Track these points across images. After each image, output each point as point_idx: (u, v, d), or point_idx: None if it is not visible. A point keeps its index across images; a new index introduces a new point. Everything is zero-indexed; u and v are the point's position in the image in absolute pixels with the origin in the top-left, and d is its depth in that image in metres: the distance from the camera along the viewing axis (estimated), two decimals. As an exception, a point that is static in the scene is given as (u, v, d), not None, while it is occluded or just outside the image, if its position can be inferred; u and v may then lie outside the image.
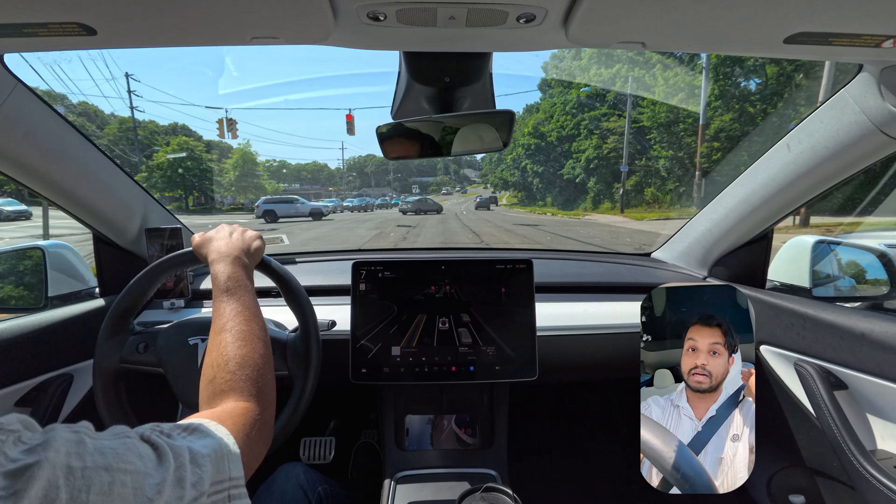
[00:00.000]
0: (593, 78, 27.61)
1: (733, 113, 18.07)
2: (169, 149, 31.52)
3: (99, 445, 0.34)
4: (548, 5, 0.58)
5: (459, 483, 1.07)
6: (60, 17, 0.58)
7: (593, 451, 1.70)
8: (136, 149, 30.91)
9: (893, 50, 0.68)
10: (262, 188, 40.33)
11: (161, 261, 0.92)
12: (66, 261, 1.21)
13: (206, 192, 34.96)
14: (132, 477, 0.34)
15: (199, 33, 0.65)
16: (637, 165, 23.00)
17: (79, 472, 0.31)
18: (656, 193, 22.44)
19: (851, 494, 0.92)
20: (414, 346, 1.09)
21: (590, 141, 26.68)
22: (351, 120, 18.53)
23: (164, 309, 1.23)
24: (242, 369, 0.61)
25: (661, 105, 20.96)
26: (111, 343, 0.91)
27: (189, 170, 31.98)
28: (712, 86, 17.73)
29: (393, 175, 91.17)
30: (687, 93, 20.71)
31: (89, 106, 38.93)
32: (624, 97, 23.98)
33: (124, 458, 0.35)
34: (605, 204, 25.62)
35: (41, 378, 0.99)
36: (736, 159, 16.45)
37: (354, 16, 0.61)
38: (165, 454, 0.38)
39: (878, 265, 1.18)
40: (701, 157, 16.73)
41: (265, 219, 21.96)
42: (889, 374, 0.86)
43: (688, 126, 20.35)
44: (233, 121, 20.29)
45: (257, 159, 41.78)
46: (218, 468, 0.42)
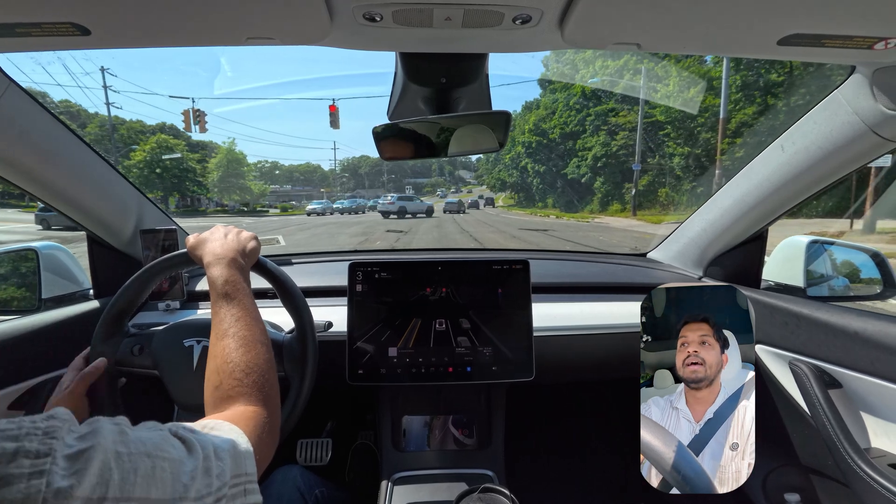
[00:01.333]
0: (599, 71, 25.40)
1: (757, 106, 16.66)
2: (147, 146, 29.69)
3: (138, 435, 0.38)
4: (543, 7, 0.59)
5: (457, 484, 1.06)
6: (54, 17, 0.57)
7: (590, 451, 1.70)
8: (113, 148, 29.31)
9: (885, 51, 0.69)
10: (247, 189, 38.76)
11: (156, 262, 0.91)
12: (60, 262, 1.20)
13: (186, 193, 33.50)
14: (170, 464, 0.38)
15: (194, 34, 0.64)
16: (650, 164, 21.34)
17: (125, 457, 0.35)
18: (671, 194, 20.82)
19: (846, 492, 0.93)
20: (411, 347, 1.09)
21: (597, 138, 24.64)
22: (335, 111, 16.29)
23: (159, 311, 1.22)
24: (248, 376, 0.61)
25: (676, 99, 19.55)
26: (106, 345, 0.90)
27: (168, 169, 30.40)
28: (734, 76, 15.99)
29: (387, 176, 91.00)
30: (704, 85, 18.96)
31: (72, 105, 37.88)
32: (633, 90, 22.44)
33: (161, 447, 0.38)
34: (615, 205, 23.69)
35: (35, 381, 0.98)
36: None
37: (350, 16, 0.61)
38: (194, 447, 0.41)
39: (872, 265, 1.19)
40: (722, 154, 15.14)
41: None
42: (883, 373, 0.86)
43: (706, 120, 18.97)
44: (200, 112, 18.04)
45: (246, 160, 40.15)
46: (236, 463, 0.45)
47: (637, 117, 20.95)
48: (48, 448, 0.32)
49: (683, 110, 19.29)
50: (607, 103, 24.89)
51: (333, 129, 16.08)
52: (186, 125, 18.31)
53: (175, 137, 32.85)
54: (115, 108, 29.52)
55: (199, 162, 34.90)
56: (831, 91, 0.88)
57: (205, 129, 18.36)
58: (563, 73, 29.16)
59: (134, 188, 1.21)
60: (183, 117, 17.92)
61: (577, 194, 27.26)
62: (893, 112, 0.77)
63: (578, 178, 25.90)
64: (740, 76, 16.53)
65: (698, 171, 19.23)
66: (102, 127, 30.95)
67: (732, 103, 16.48)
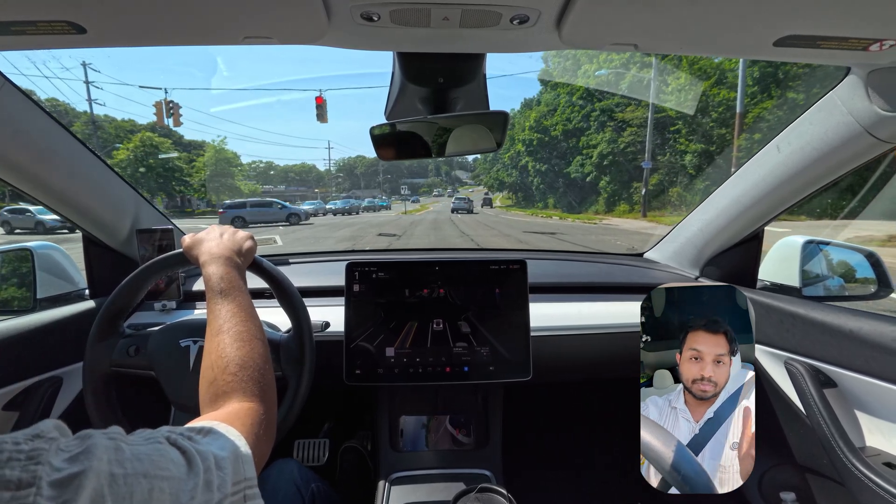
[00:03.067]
0: (603, 64, 23.69)
1: (775, 100, 15.27)
2: (131, 145, 28.18)
3: (136, 452, 0.35)
4: (541, 7, 0.59)
5: (454, 484, 1.06)
6: (50, 16, 0.57)
7: (588, 450, 1.71)
8: (97, 146, 27.76)
9: (880, 53, 0.69)
10: (236, 189, 36.96)
11: (151, 262, 0.91)
12: (55, 262, 1.19)
13: (173, 193, 31.76)
14: (169, 483, 0.35)
15: (191, 32, 0.64)
16: (660, 161, 19.70)
17: (121, 479, 0.32)
18: (683, 193, 19.03)
19: (841, 491, 0.93)
20: (408, 347, 1.09)
21: (602, 134, 23.00)
22: (322, 103, 14.83)
23: (155, 311, 1.22)
24: (243, 370, 0.60)
25: (687, 92, 18.22)
26: (101, 346, 0.90)
27: (152, 168, 28.70)
28: (751, 67, 14.63)
29: (383, 177, 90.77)
30: (717, 78, 17.78)
31: (59, 103, 36.66)
32: (641, 84, 20.92)
33: (160, 464, 0.35)
34: (622, 206, 22.01)
35: (30, 381, 0.97)
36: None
37: (348, 16, 0.61)
38: (194, 459, 0.39)
39: (867, 265, 1.20)
40: (738, 151, 13.87)
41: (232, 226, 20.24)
42: (877, 372, 0.87)
43: (719, 115, 17.64)
44: (174, 104, 16.15)
45: (238, 159, 38.79)
46: (235, 470, 0.43)
47: (645, 112, 19.77)
48: (31, 476, 0.28)
49: (695, 105, 18.20)
50: (613, 97, 23.32)
51: (321, 122, 14.93)
52: (158, 118, 16.41)
53: (163, 136, 31.44)
54: (98, 105, 28.50)
55: (188, 162, 33.65)
56: (827, 92, 0.88)
57: (179, 122, 16.46)
58: (565, 67, 28.13)
59: (130, 187, 1.21)
60: (154, 109, 16.04)
61: (581, 194, 25.74)
62: (888, 113, 0.78)
63: (582, 177, 24.45)
64: (757, 68, 15.23)
65: (712, 169, 17.60)
66: (88, 125, 29.71)
67: (749, 97, 15.06)
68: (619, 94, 22.66)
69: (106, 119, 34.46)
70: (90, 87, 26.18)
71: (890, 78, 0.76)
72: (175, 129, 30.44)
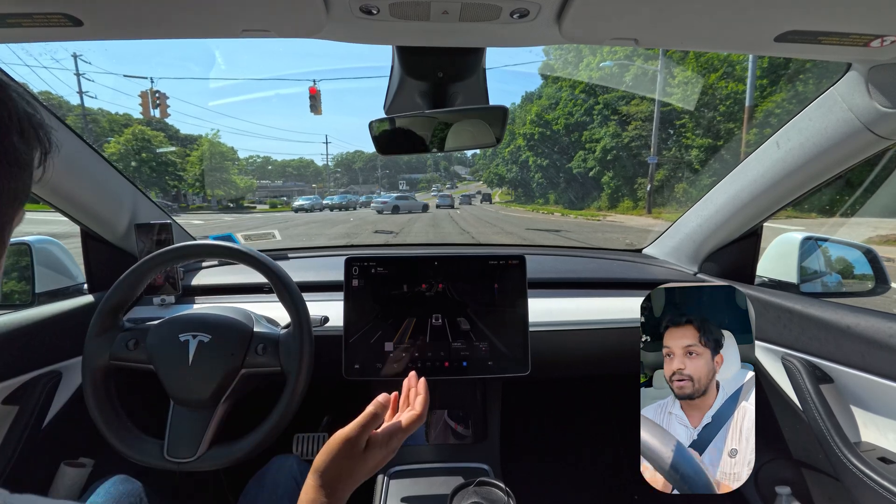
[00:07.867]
0: (607, 56, 22.57)
1: (786, 93, 14.60)
2: (121, 139, 27.76)
3: None
4: (541, 1, 0.58)
5: (452, 478, 1.07)
6: (46, 8, 0.56)
7: (586, 445, 1.72)
8: (90, 139, 28.19)
9: (881, 49, 0.69)
10: (232, 184, 36.39)
11: (151, 256, 0.91)
12: (54, 256, 1.19)
13: (167, 188, 31.32)
14: None
15: (189, 25, 0.64)
16: (666, 156, 19.10)
17: None
18: (689, 189, 18.30)
19: (836, 486, 0.94)
20: (407, 342, 1.09)
21: (606, 128, 22.38)
22: (315, 94, 14.24)
23: (154, 305, 1.22)
24: None
25: (694, 85, 17.69)
26: (100, 340, 0.90)
27: (145, 162, 28.22)
28: (761, 59, 13.51)
29: (381, 172, 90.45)
30: (724, 71, 17.15)
31: (52, 96, 36.04)
32: (645, 76, 20.20)
33: None
34: (626, 202, 21.43)
35: (29, 375, 0.97)
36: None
37: (347, 9, 0.61)
38: None
39: (864, 261, 1.20)
40: (747, 146, 13.10)
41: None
42: (873, 368, 0.88)
43: (727, 108, 17.11)
44: (161, 94, 15.28)
45: (234, 153, 37.79)
46: None
47: (650, 106, 19.23)
48: None
49: (702, 98, 17.62)
50: (617, 90, 22.67)
51: (315, 114, 14.34)
52: (144, 109, 15.32)
53: (157, 130, 30.88)
54: (91, 99, 28.02)
55: (182, 157, 32.94)
56: (827, 88, 0.88)
57: (166, 113, 15.77)
58: (567, 60, 27.34)
59: (129, 182, 1.20)
60: (140, 100, 15.01)
61: (583, 190, 24.96)
62: (888, 109, 0.78)
63: (585, 172, 23.67)
64: (767, 59, 14.19)
65: (719, 165, 17.02)
66: (80, 118, 29.03)
67: (758, 90, 14.36)
68: (622, 88, 22.11)
69: (100, 112, 33.93)
70: (80, 78, 25.61)
71: (891, 74, 0.76)
72: (169, 122, 29.55)
